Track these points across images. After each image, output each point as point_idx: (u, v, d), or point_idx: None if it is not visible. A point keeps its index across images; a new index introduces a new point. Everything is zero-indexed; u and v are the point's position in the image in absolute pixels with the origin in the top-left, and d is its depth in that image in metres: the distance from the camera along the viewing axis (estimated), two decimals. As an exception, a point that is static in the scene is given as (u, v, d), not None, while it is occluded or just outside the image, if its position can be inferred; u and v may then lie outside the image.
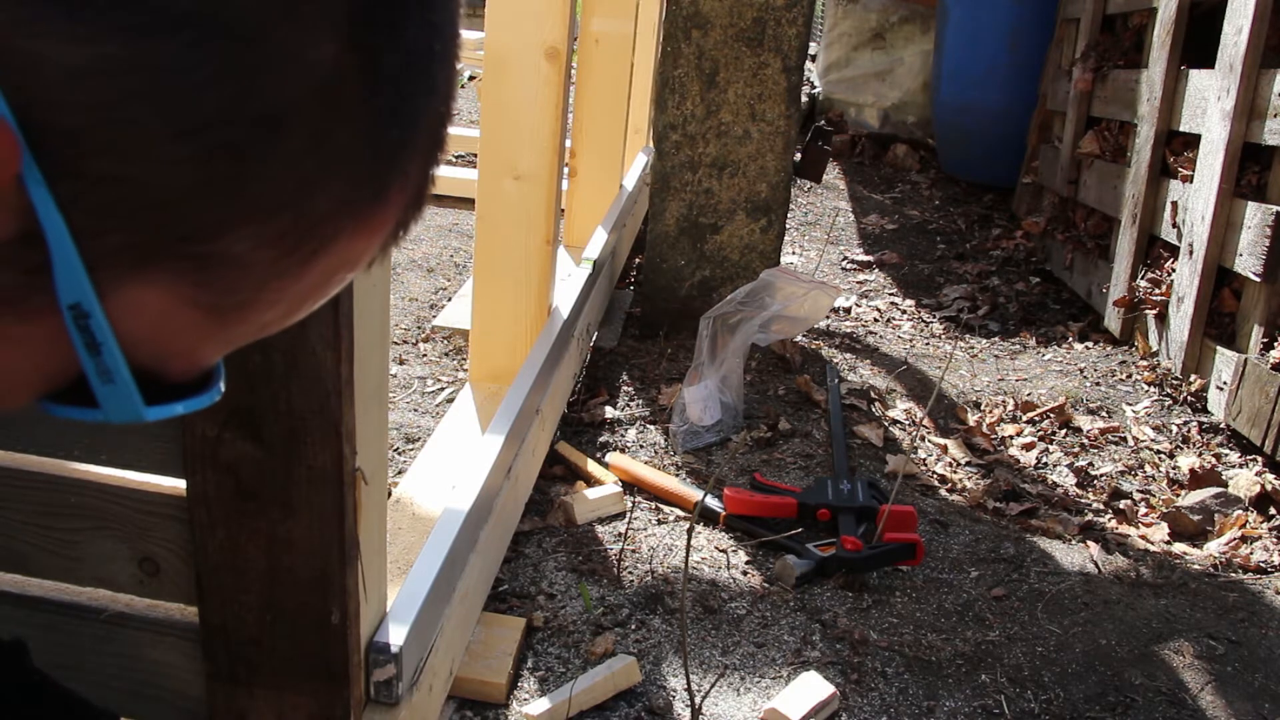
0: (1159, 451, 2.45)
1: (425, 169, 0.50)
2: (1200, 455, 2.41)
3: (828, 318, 3.27)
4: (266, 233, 0.43)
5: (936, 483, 2.23)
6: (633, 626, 1.61)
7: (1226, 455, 2.43)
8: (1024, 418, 2.61)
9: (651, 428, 2.28)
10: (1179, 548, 2.07)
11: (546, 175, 2.00)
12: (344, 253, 0.48)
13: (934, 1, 5.35)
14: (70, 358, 0.45)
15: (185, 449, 0.93)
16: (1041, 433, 2.53)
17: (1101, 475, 2.33)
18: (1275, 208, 2.41)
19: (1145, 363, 2.96)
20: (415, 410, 2.33)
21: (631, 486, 2.03)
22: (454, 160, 4.82)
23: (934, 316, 3.56)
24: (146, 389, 0.47)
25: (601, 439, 2.24)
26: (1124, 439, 2.51)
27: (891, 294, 3.81)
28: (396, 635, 1.06)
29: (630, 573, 1.75)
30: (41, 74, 0.38)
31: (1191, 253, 2.78)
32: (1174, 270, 2.92)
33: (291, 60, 0.41)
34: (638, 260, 3.39)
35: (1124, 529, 2.12)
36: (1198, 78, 2.92)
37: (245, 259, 0.44)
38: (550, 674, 1.49)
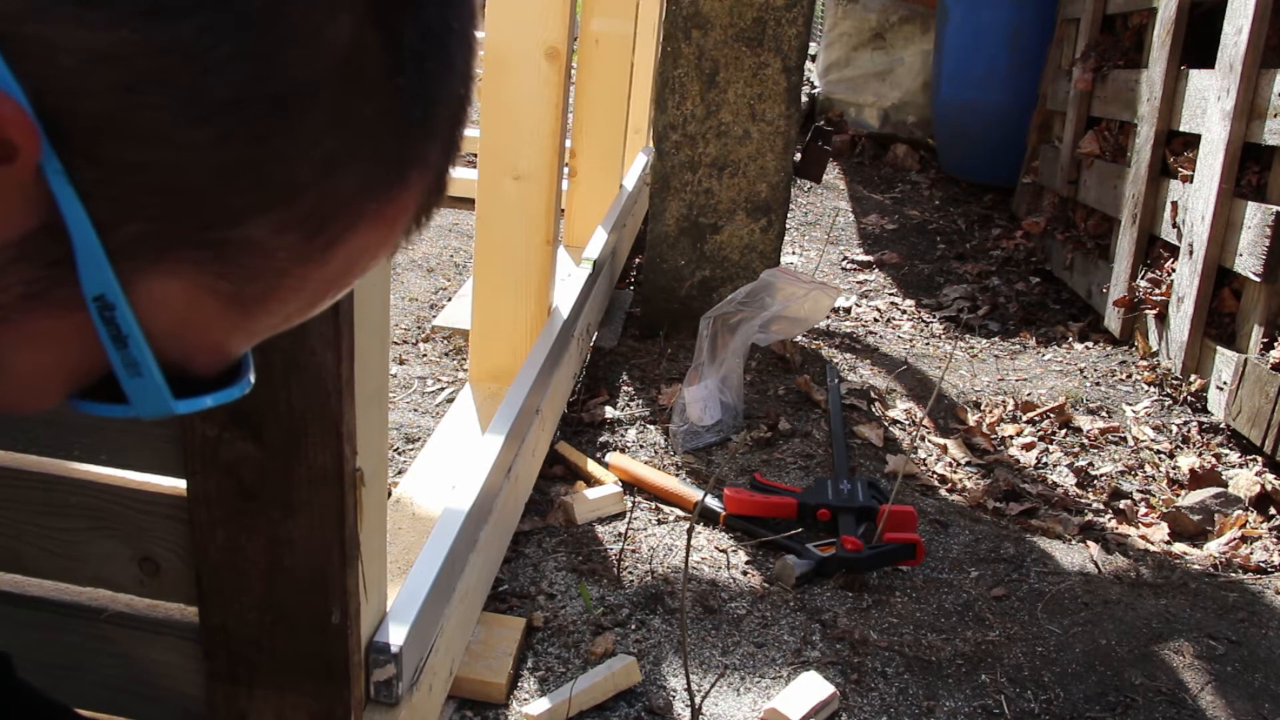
0: (1159, 451, 2.45)
1: (446, 152, 0.49)
2: (1200, 455, 2.41)
3: (828, 318, 3.27)
4: (288, 217, 0.43)
5: (936, 483, 2.23)
6: (633, 626, 1.61)
7: (1226, 455, 2.43)
8: (1024, 418, 2.61)
9: (651, 428, 2.28)
10: (1179, 548, 2.07)
11: (546, 175, 2.00)
12: (366, 238, 0.47)
13: (934, 1, 5.35)
14: (97, 353, 0.44)
15: (185, 449, 0.93)
16: (1041, 433, 2.53)
17: (1101, 475, 2.33)
18: (1275, 208, 2.41)
19: (1145, 363, 2.96)
20: (415, 410, 2.33)
21: (631, 486, 2.03)
22: (454, 160, 4.82)
23: (934, 316, 3.56)
24: (174, 382, 0.46)
25: (601, 439, 2.24)
26: (1124, 439, 2.51)
27: (891, 294, 3.81)
28: (396, 635, 1.06)
29: (630, 573, 1.75)
30: (56, 60, 0.37)
31: (1191, 253, 2.78)
32: (1174, 270, 2.92)
33: (308, 39, 0.40)
34: (638, 260, 3.39)
35: (1124, 529, 2.12)
36: (1198, 78, 2.92)
37: (267, 245, 0.43)
38: (550, 674, 1.49)
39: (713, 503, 1.94)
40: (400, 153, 0.45)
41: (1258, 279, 2.46)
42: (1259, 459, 2.37)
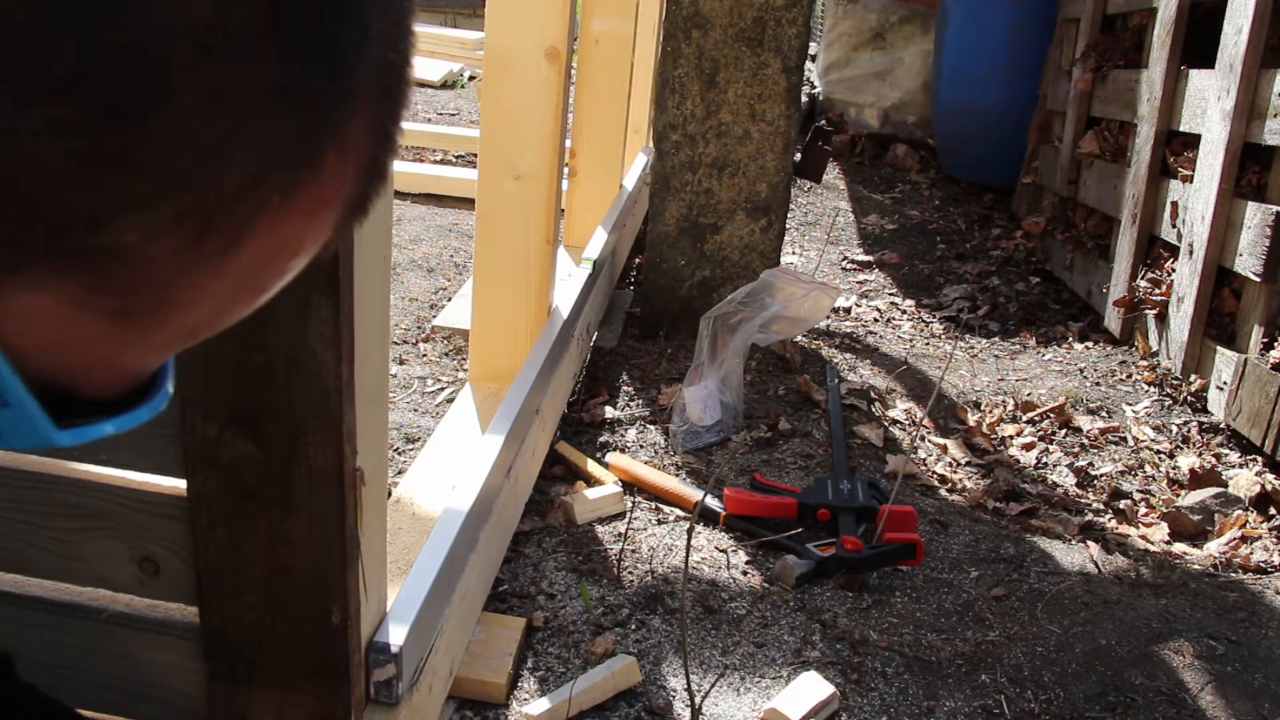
0: (1159, 451, 2.45)
1: (375, 128, 0.41)
2: (1200, 455, 2.41)
3: (828, 318, 3.27)
4: (160, 219, 0.35)
5: (936, 483, 2.23)
6: (633, 626, 1.61)
7: (1226, 455, 2.43)
8: (1024, 418, 2.61)
9: (651, 428, 2.28)
10: (1179, 548, 2.07)
11: (546, 175, 2.00)
12: (274, 237, 0.39)
13: (934, 1, 5.35)
14: None
15: (185, 449, 0.93)
16: (1041, 433, 2.53)
17: (1101, 475, 2.33)
18: (1275, 208, 2.41)
19: (1145, 363, 2.96)
20: (415, 410, 2.33)
21: (631, 486, 2.03)
22: (454, 160, 4.83)
23: (934, 316, 3.56)
24: (63, 406, 0.40)
25: (601, 439, 2.24)
26: (1124, 439, 2.51)
27: (891, 294, 3.81)
28: (396, 635, 1.06)
29: (630, 573, 1.75)
30: None
31: (1191, 253, 2.78)
32: (1174, 270, 2.92)
33: None
34: (638, 260, 3.39)
35: (1124, 529, 2.12)
36: (1198, 78, 2.92)
37: (141, 252, 0.36)
38: (550, 674, 1.49)
39: (713, 503, 1.94)
40: (302, 132, 0.37)
41: (1258, 279, 2.46)
42: (1259, 459, 2.37)
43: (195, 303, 0.39)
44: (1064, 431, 2.54)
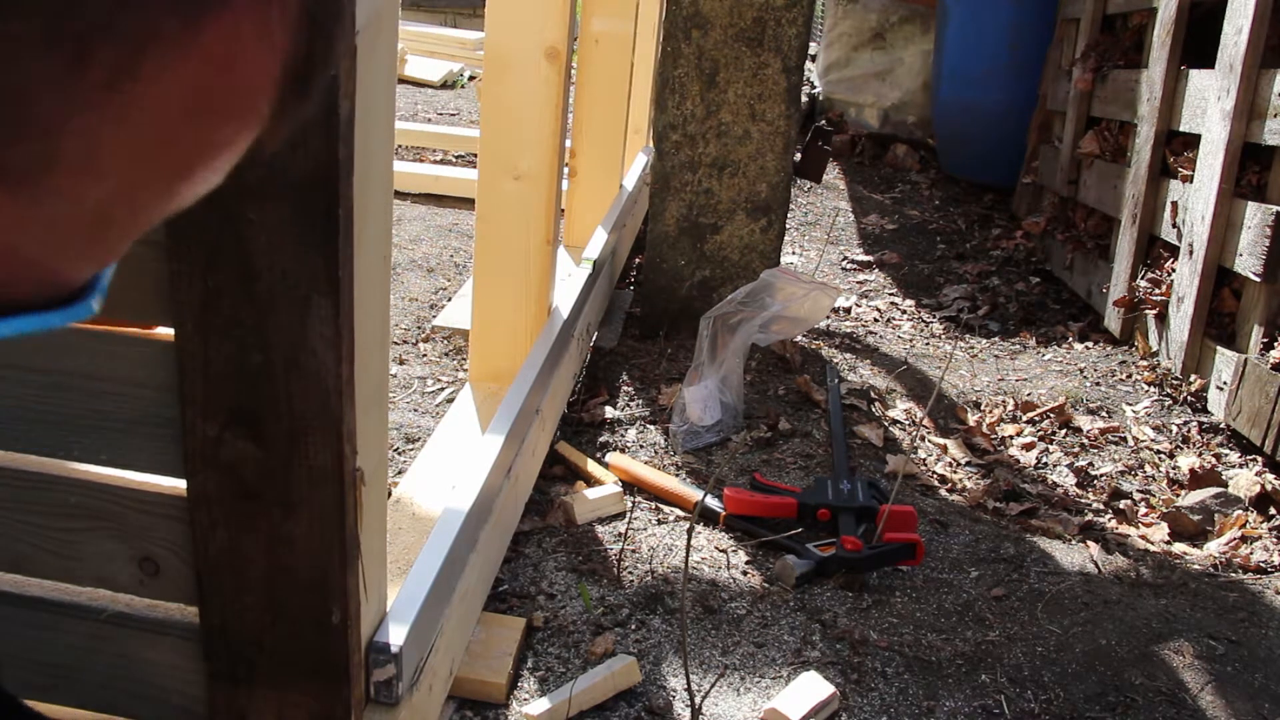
0: (1159, 451, 2.45)
1: None
2: (1200, 455, 2.41)
3: (828, 318, 3.27)
4: (23, 32, 0.28)
5: (936, 483, 2.23)
6: (633, 626, 1.61)
7: (1226, 455, 2.43)
8: (1024, 418, 2.60)
9: (651, 428, 2.28)
10: (1179, 548, 2.07)
11: (546, 175, 2.00)
12: (180, 78, 0.31)
13: (934, 1, 5.35)
14: None
15: (185, 449, 0.93)
16: (1041, 433, 2.53)
17: (1101, 475, 2.33)
18: (1275, 208, 2.41)
19: (1145, 363, 2.96)
20: (415, 410, 2.33)
21: (631, 486, 2.03)
22: (454, 160, 4.82)
23: (934, 316, 3.56)
24: None
25: (601, 439, 2.24)
26: (1124, 439, 2.51)
27: (891, 294, 3.81)
28: (396, 635, 1.06)
29: (630, 573, 1.75)
30: None
31: (1191, 253, 2.78)
32: (1174, 270, 2.92)
33: None
34: (638, 260, 3.39)
35: (1124, 529, 2.12)
36: (1198, 78, 2.92)
37: (10, 78, 0.28)
38: (550, 674, 1.49)
39: (713, 503, 1.94)
40: None
41: (1258, 279, 2.46)
42: (1259, 459, 2.37)
43: (95, 165, 0.31)
44: (1064, 431, 2.54)
